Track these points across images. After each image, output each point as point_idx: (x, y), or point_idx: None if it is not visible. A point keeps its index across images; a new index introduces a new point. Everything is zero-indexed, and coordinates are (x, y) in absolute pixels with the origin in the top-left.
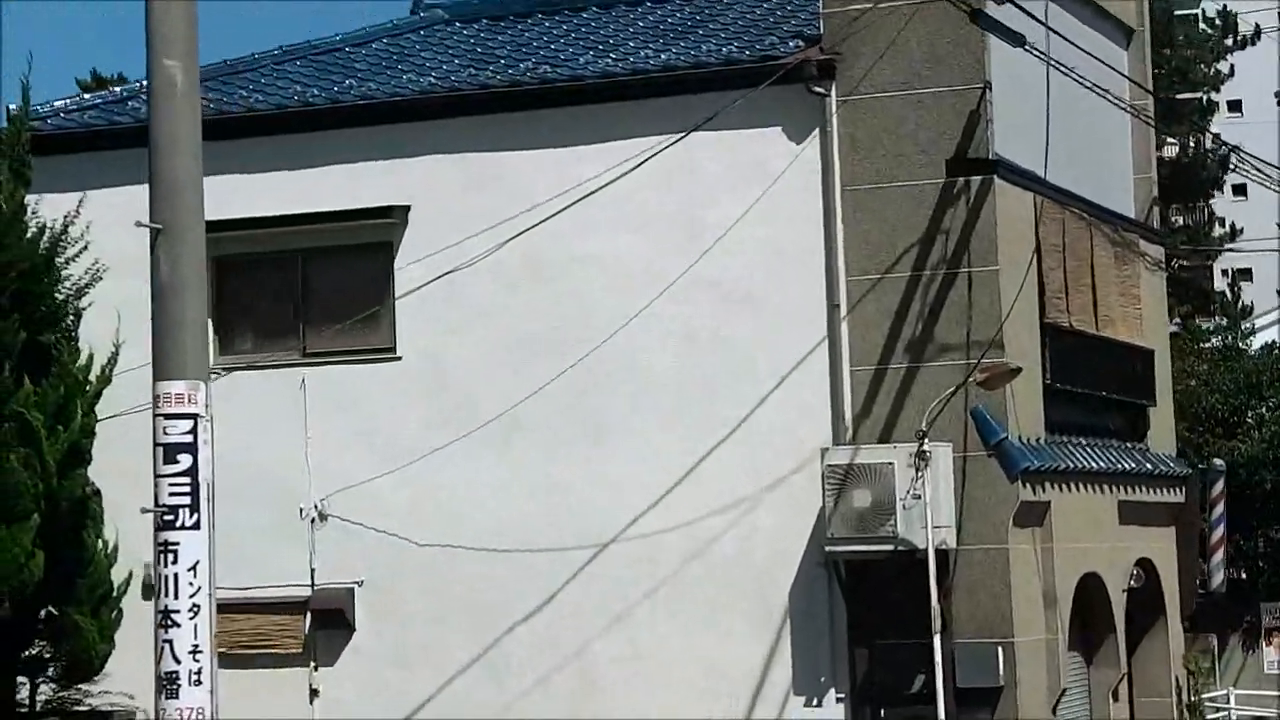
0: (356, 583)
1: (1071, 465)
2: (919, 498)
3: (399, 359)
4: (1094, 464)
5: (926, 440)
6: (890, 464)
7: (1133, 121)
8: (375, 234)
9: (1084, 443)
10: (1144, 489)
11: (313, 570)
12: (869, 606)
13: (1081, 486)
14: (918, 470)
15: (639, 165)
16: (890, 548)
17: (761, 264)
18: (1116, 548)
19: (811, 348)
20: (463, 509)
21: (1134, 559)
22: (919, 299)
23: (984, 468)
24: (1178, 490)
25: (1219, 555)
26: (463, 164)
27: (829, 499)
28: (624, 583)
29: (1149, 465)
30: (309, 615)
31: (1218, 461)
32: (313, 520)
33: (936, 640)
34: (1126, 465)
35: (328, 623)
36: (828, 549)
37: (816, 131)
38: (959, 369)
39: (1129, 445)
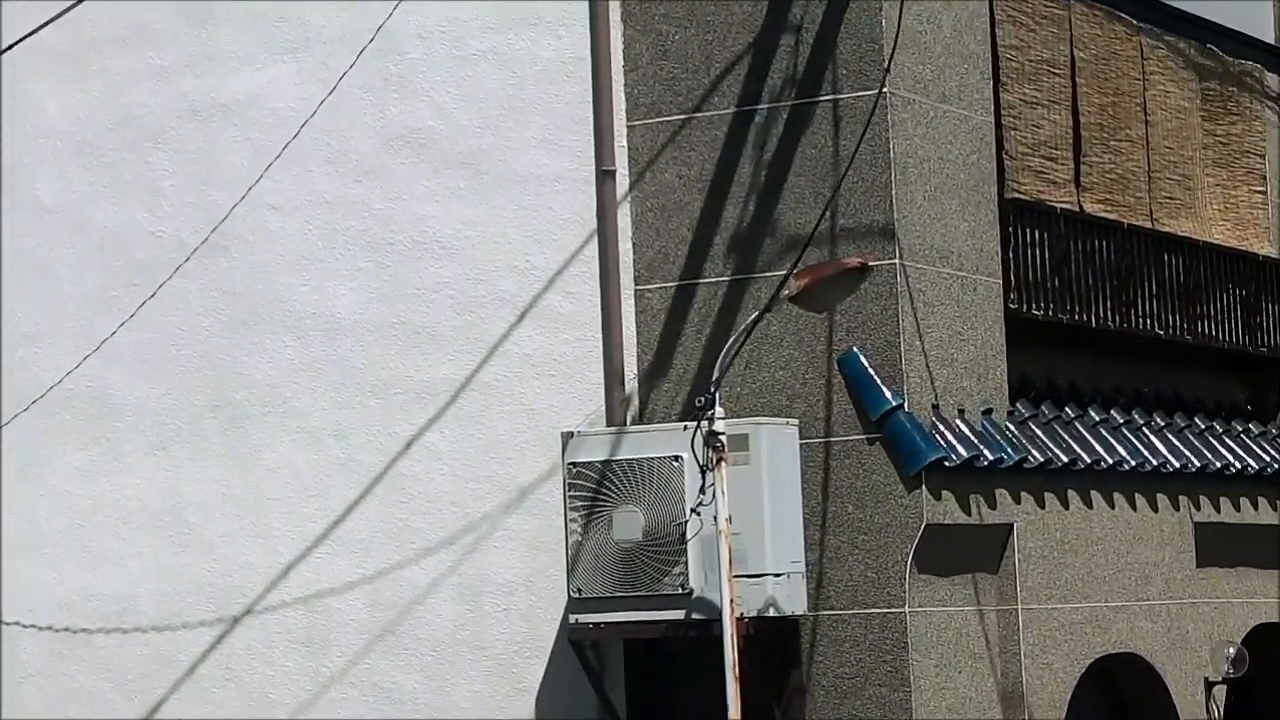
0: None
1: (1062, 459)
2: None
3: None
4: (1125, 456)
5: (718, 410)
6: (677, 460)
7: None
8: None
9: (1108, 419)
10: (1265, 501)
11: None
12: None
13: (1096, 499)
14: (706, 471)
15: None
16: (679, 616)
17: (487, 104)
18: (1192, 608)
19: (570, 254)
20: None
21: (1239, 627)
22: (750, 155)
23: (868, 465)
24: None
25: None
26: None
27: (573, 525)
28: (266, 684)
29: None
30: None
31: None
32: None
33: None
34: (1217, 460)
35: None
36: (572, 619)
37: None
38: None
39: (1237, 428)
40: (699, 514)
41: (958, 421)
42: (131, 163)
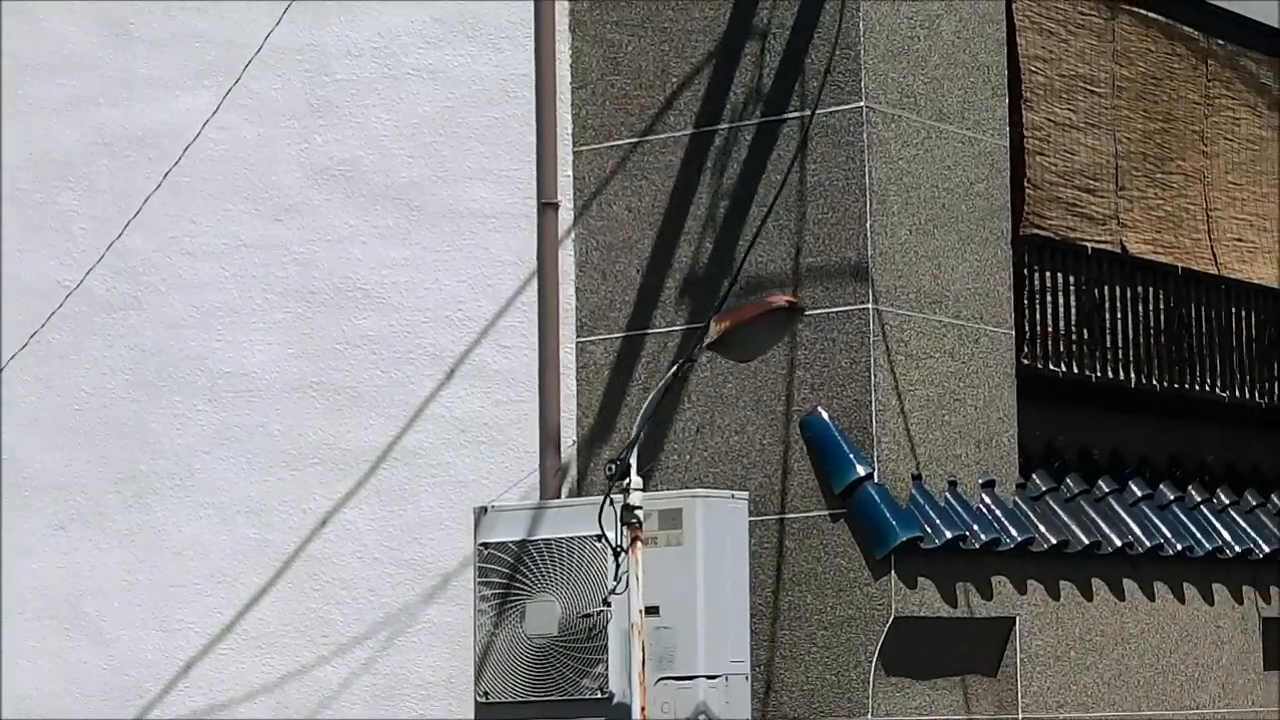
0: None
1: (1083, 541)
2: (647, 614)
3: None
4: (1168, 538)
5: (634, 480)
6: (600, 540)
7: None
8: None
9: (1153, 496)
10: None
11: None
12: None
13: (1130, 589)
14: (619, 554)
15: None
16: None
17: (420, 130)
18: (1257, 719)
19: (506, 301)
20: None
21: None
22: (709, 182)
23: (830, 547)
24: None
25: None
26: None
27: (483, 618)
28: None
29: None
30: None
31: None
32: None
33: None
34: None
35: None
36: None
37: None
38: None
39: None
40: (610, 605)
41: (945, 495)
42: (40, 203)
